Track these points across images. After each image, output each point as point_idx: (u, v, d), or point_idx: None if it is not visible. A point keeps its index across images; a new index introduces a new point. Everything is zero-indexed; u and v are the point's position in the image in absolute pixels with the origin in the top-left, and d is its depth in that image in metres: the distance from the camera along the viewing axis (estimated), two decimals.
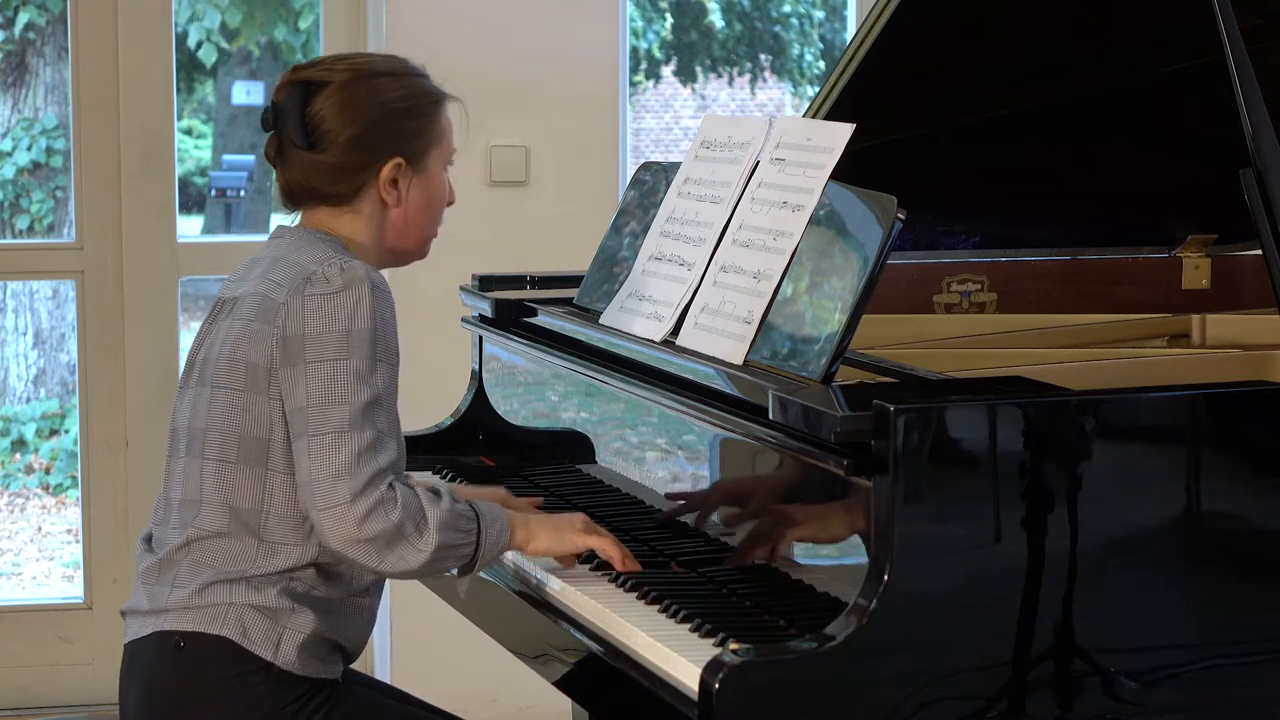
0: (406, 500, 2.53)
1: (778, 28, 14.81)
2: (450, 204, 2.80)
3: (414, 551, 2.53)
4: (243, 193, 11.65)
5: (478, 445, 3.45)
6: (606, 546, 2.71)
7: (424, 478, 3.32)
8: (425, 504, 2.55)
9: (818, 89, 3.22)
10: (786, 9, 14.74)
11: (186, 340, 3.74)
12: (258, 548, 2.59)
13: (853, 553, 2.37)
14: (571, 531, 2.72)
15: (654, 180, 3.11)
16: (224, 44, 10.46)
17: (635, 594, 2.63)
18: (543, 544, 2.70)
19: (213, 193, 12.09)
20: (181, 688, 2.59)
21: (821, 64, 14.66)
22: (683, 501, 2.79)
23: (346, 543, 2.51)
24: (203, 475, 2.61)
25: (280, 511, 2.59)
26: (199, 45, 10.13)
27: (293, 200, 2.74)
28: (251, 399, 2.59)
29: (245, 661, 2.57)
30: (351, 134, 2.67)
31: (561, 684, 2.75)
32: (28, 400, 8.81)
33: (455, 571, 2.66)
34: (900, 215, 2.53)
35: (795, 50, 14.72)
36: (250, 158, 12.23)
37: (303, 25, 10.21)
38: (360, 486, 2.50)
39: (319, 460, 2.51)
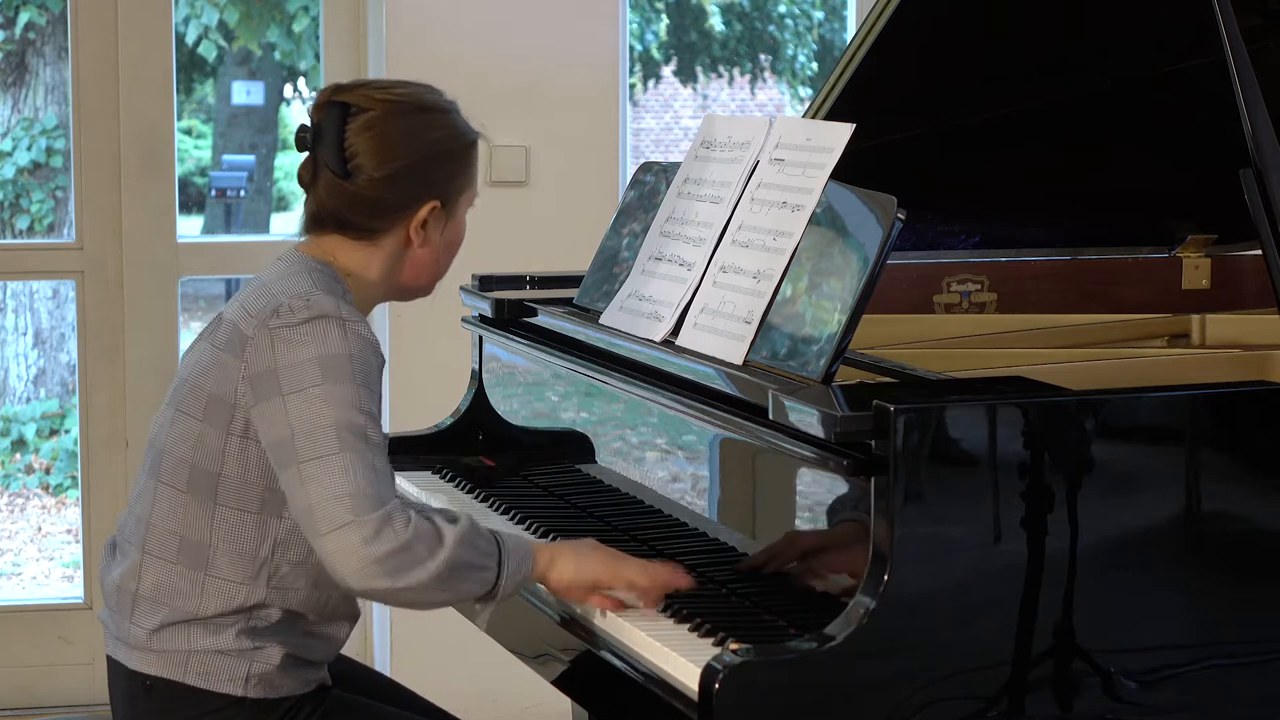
0: (419, 522, 2.41)
1: (772, 28, 14.82)
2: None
3: (425, 570, 2.38)
4: (243, 193, 11.66)
5: (478, 445, 3.44)
6: (633, 592, 2.53)
7: (424, 478, 3.32)
8: (440, 524, 2.43)
9: (811, 90, 3.22)
10: (783, 9, 14.74)
11: (186, 340, 3.74)
12: (204, 584, 2.52)
13: (852, 553, 2.37)
14: (594, 562, 2.56)
15: (654, 180, 3.11)
16: (222, 41, 10.46)
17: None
18: (566, 573, 2.55)
19: (213, 193, 12.10)
20: None
21: (815, 65, 14.65)
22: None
23: (357, 570, 2.37)
24: (156, 497, 2.57)
25: (228, 548, 2.52)
26: (198, 41, 10.14)
27: (319, 226, 2.64)
28: (206, 430, 2.53)
29: (217, 700, 2.52)
30: (390, 170, 2.59)
31: (561, 684, 2.75)
32: (28, 400, 8.81)
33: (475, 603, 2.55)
34: (900, 215, 2.53)
35: (789, 51, 14.71)
36: (250, 158, 12.23)
37: (297, 29, 10.22)
38: (362, 503, 2.38)
39: (315, 484, 2.39)
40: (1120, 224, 3.73)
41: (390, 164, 2.59)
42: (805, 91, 14.65)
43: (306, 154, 2.64)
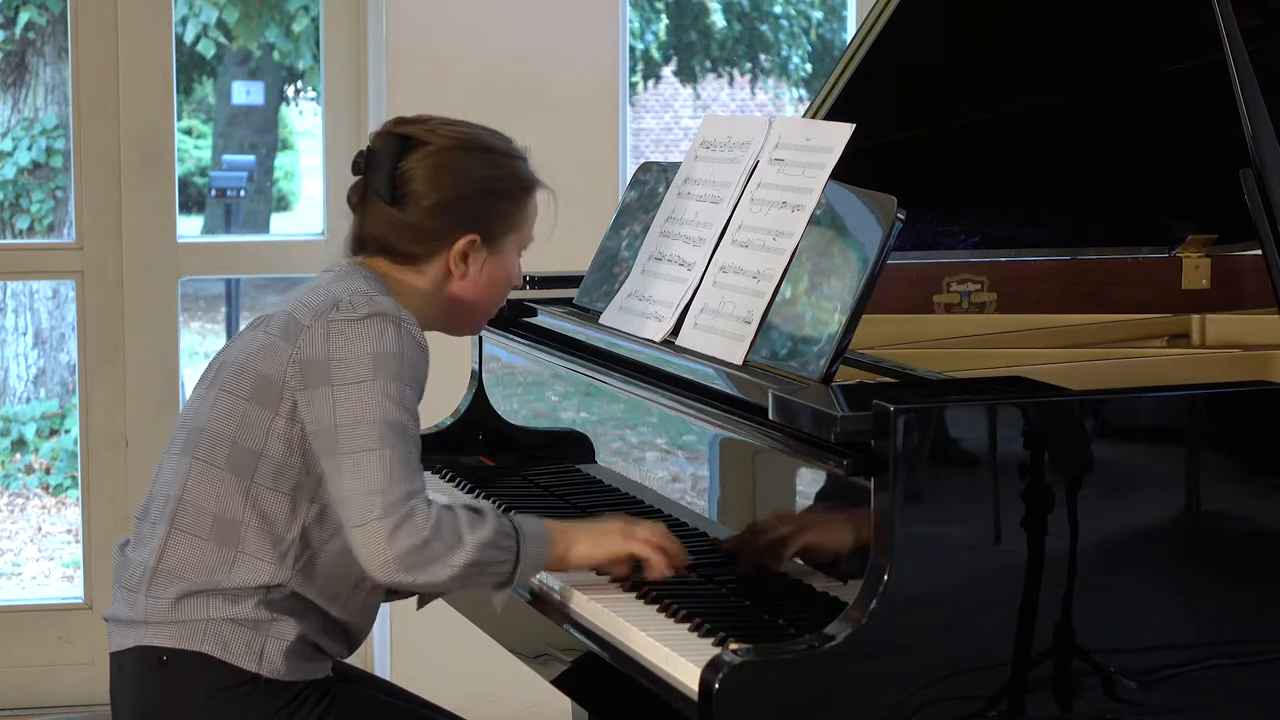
0: (441, 518, 2.48)
1: (765, 27, 14.81)
2: (516, 286, 2.80)
3: (444, 567, 2.48)
4: (243, 193, 11.65)
5: (478, 445, 3.45)
6: (648, 552, 2.62)
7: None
8: (463, 524, 2.50)
9: (805, 92, 3.22)
10: (779, 9, 14.73)
11: (187, 340, 3.74)
12: (234, 559, 2.56)
13: (852, 552, 2.37)
14: (612, 536, 2.65)
15: (654, 180, 3.11)
16: (221, 39, 10.46)
17: (635, 594, 2.63)
18: (582, 552, 2.64)
19: (213, 193, 12.08)
20: (171, 703, 2.58)
21: (810, 66, 14.63)
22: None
23: (380, 565, 2.46)
24: (189, 474, 2.60)
25: (259, 526, 2.56)
26: (197, 39, 10.14)
27: (361, 248, 2.71)
28: (252, 409, 2.57)
29: (231, 675, 2.55)
30: (436, 200, 2.65)
31: (561, 684, 2.76)
32: (28, 400, 8.81)
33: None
34: (900, 215, 2.53)
35: (783, 52, 14.70)
36: (250, 158, 12.22)
37: (296, 29, 10.21)
38: (392, 502, 2.46)
39: (352, 477, 2.48)
40: (1120, 224, 3.73)
41: (438, 194, 2.66)
42: (798, 93, 14.64)
43: (359, 178, 2.71)
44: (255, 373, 2.59)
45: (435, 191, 2.66)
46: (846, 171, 2.67)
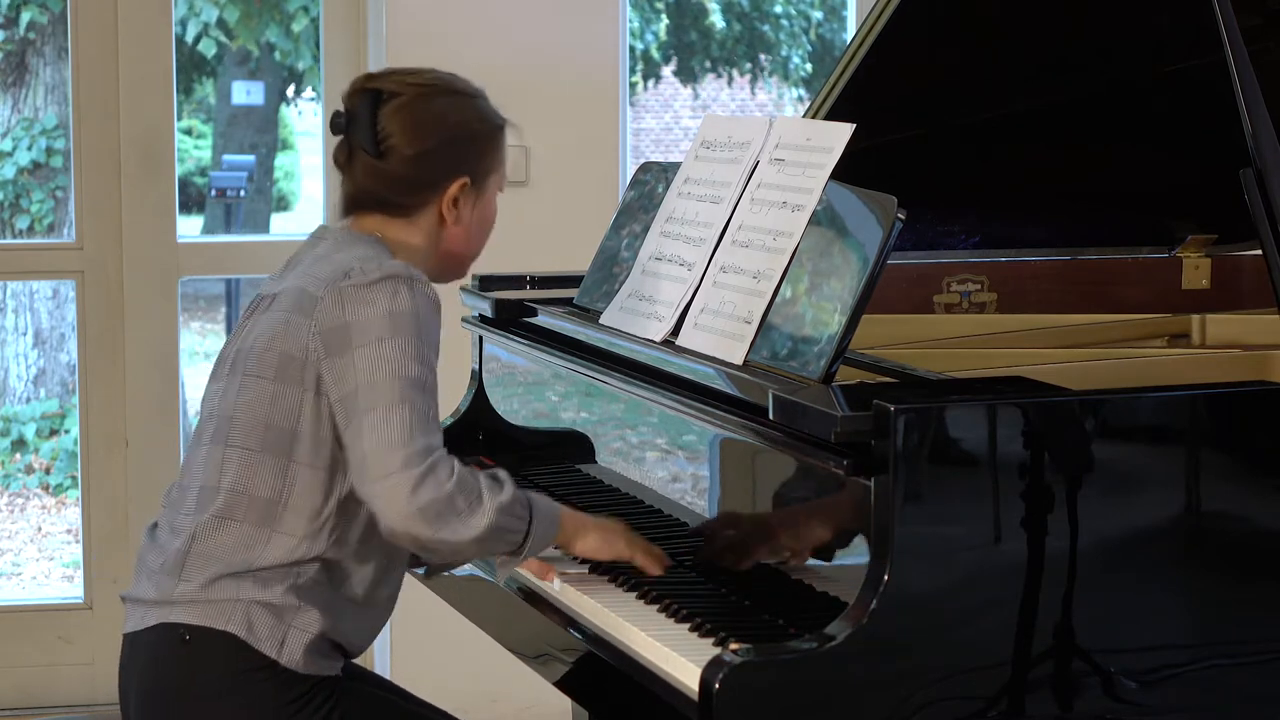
0: (462, 475, 2.53)
1: (766, 27, 14.81)
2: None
3: (465, 527, 2.51)
4: (243, 193, 11.65)
5: (478, 445, 3.45)
6: (648, 563, 2.71)
7: None
8: (484, 486, 2.55)
9: (805, 92, 3.22)
10: (779, 9, 14.73)
11: (187, 340, 3.73)
12: (270, 537, 2.58)
13: (853, 553, 2.37)
14: (619, 539, 2.73)
15: (654, 180, 3.11)
16: (223, 38, 10.46)
17: (635, 594, 2.64)
18: (590, 545, 2.72)
19: (213, 193, 12.08)
20: (185, 682, 2.60)
21: (810, 66, 14.63)
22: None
23: (400, 516, 2.49)
24: (224, 462, 2.62)
25: (297, 504, 2.59)
26: (197, 39, 10.14)
27: (356, 206, 2.75)
28: (281, 389, 2.60)
29: (250, 659, 2.57)
30: (421, 148, 2.70)
31: (561, 684, 2.76)
32: (28, 400, 8.81)
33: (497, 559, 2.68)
34: (900, 215, 2.53)
35: (783, 52, 14.69)
36: (250, 158, 12.22)
37: (296, 29, 10.21)
38: (412, 454, 2.49)
39: (371, 434, 2.51)
40: (1120, 224, 3.73)
41: (421, 142, 2.70)
42: (798, 93, 14.63)
43: (341, 138, 2.75)
44: (279, 352, 2.61)
45: (418, 140, 2.70)
46: (846, 171, 2.67)
